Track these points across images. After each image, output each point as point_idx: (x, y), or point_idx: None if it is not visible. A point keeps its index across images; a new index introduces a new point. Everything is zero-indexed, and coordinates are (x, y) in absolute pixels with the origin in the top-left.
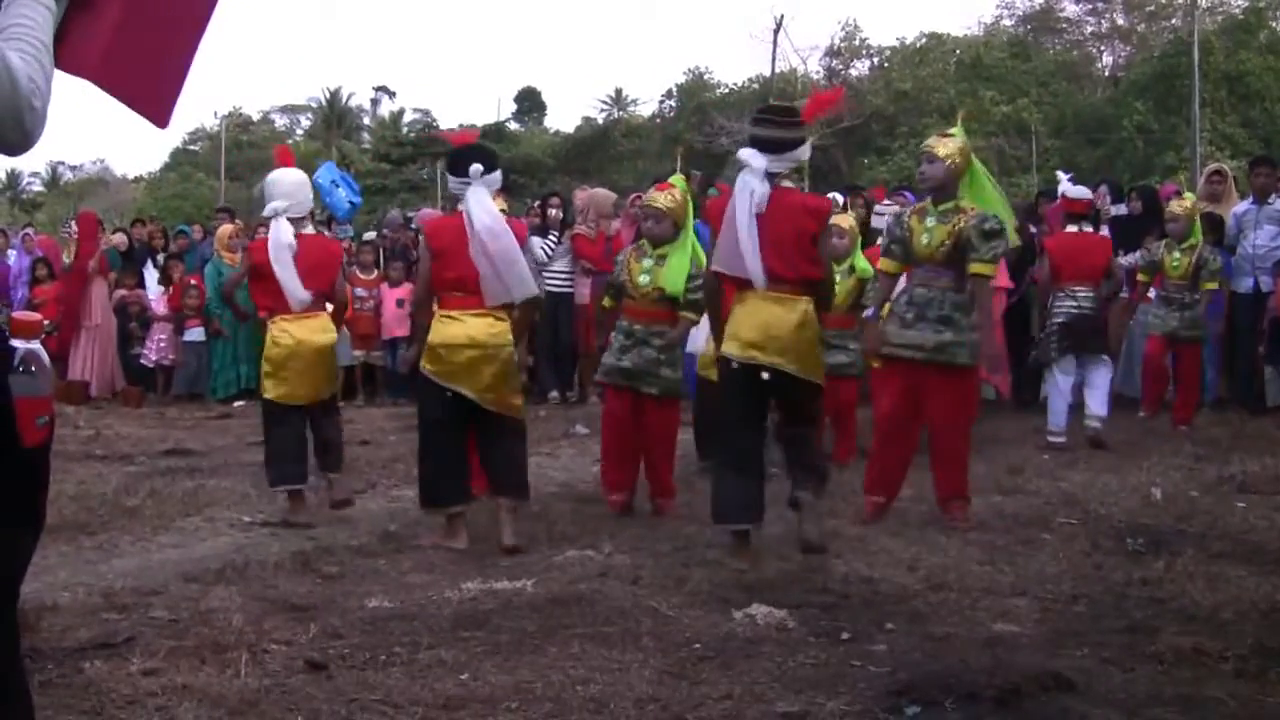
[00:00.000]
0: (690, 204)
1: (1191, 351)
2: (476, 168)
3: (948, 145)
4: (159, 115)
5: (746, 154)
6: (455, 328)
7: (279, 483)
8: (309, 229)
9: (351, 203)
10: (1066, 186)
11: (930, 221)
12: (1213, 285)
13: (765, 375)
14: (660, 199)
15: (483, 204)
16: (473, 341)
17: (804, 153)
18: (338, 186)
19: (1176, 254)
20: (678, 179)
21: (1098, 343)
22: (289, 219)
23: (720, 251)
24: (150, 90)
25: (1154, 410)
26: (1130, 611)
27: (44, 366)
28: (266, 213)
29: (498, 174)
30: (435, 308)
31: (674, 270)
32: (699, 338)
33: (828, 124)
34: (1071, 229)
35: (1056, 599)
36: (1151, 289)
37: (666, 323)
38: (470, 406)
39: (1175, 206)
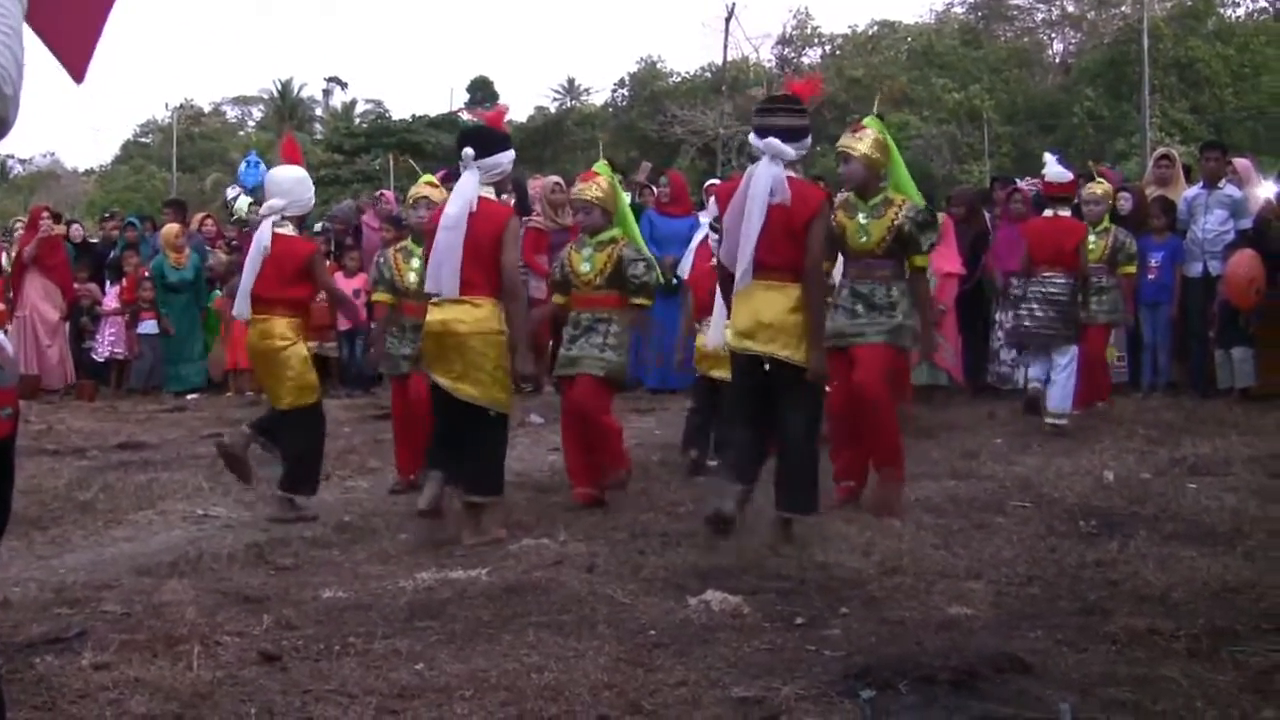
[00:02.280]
0: (619, 190)
1: (1098, 331)
2: (467, 151)
3: (863, 141)
4: (78, 68)
5: (773, 144)
6: (433, 313)
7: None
8: (286, 229)
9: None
10: (1050, 168)
11: (863, 218)
12: (1130, 269)
13: (766, 367)
14: (587, 190)
15: (460, 192)
16: (444, 327)
17: (809, 139)
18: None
19: (1091, 237)
20: (601, 166)
21: (1069, 330)
22: (285, 217)
23: (726, 241)
24: (73, 42)
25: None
26: (1084, 593)
27: (8, 358)
28: (264, 210)
29: (496, 158)
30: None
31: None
32: (716, 332)
33: None
34: (1048, 213)
35: (1011, 581)
36: None
37: (613, 309)
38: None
39: (1094, 188)
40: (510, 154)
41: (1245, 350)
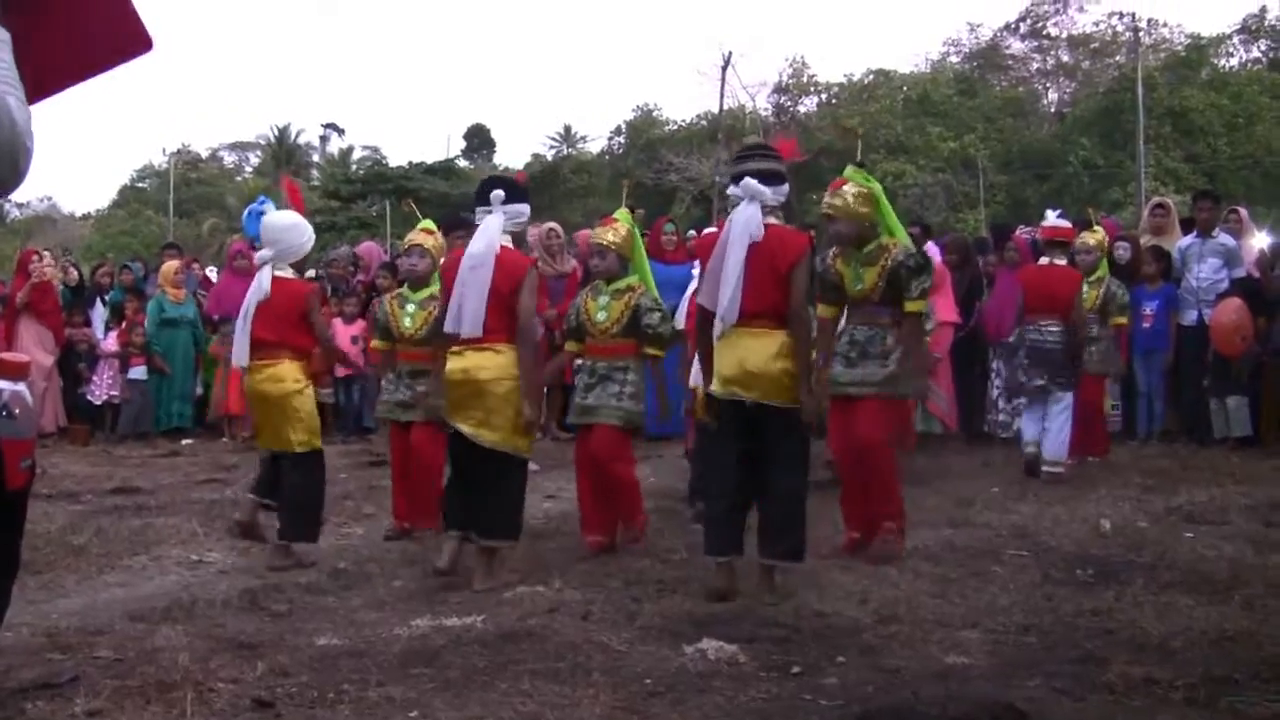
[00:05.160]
0: (637, 238)
1: (1091, 381)
2: (498, 193)
3: (840, 196)
4: (138, 45)
5: (751, 186)
6: (454, 361)
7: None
8: (285, 273)
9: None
10: (1050, 216)
11: (856, 264)
12: (1122, 320)
13: (747, 404)
14: (604, 235)
15: (486, 231)
16: (465, 375)
17: (786, 186)
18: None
19: (1085, 286)
20: (623, 214)
21: (1064, 377)
22: (279, 264)
23: (706, 284)
24: (120, 37)
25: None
26: (1081, 641)
27: (28, 408)
28: (257, 259)
29: (520, 207)
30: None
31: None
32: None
33: None
34: (1044, 261)
35: (1008, 630)
36: None
37: (629, 358)
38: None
39: (1088, 238)
40: (529, 209)
41: (1240, 399)
